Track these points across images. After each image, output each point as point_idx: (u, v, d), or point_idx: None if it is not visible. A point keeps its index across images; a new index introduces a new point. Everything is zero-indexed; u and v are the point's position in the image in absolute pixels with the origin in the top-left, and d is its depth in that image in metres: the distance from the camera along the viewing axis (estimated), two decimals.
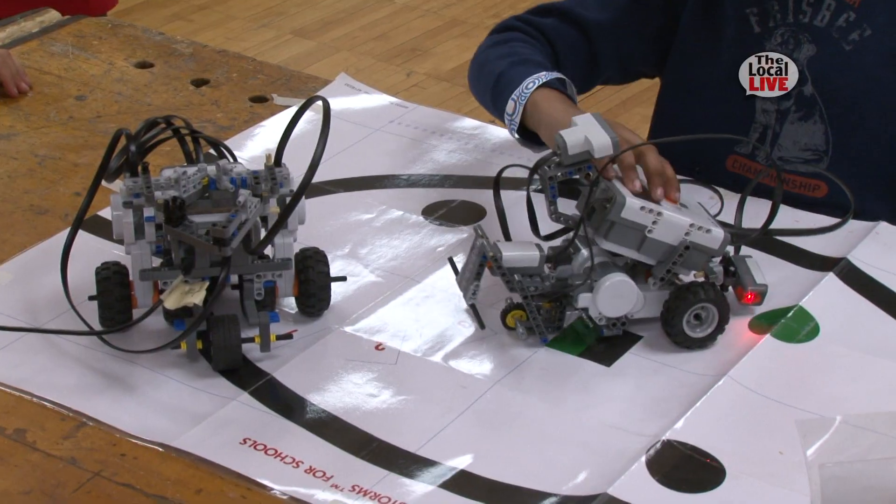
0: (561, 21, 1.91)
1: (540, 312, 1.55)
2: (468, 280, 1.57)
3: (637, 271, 1.58)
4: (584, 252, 1.57)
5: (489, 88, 1.83)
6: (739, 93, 1.81)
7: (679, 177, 1.62)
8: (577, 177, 1.57)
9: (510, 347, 1.57)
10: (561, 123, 1.61)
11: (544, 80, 1.74)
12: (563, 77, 1.77)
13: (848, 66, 1.76)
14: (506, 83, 1.79)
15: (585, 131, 1.55)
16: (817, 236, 1.75)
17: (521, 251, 1.55)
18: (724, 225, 1.59)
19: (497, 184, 1.65)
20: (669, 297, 1.56)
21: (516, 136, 1.79)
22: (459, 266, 1.63)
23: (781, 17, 1.77)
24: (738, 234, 1.64)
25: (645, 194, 1.57)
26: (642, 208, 1.53)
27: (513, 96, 1.76)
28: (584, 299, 1.55)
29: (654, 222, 1.54)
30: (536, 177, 1.60)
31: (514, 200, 1.73)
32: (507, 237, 1.63)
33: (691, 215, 1.56)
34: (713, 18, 1.83)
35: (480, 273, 1.56)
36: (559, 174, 1.56)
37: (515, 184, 1.76)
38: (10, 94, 2.10)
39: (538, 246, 1.57)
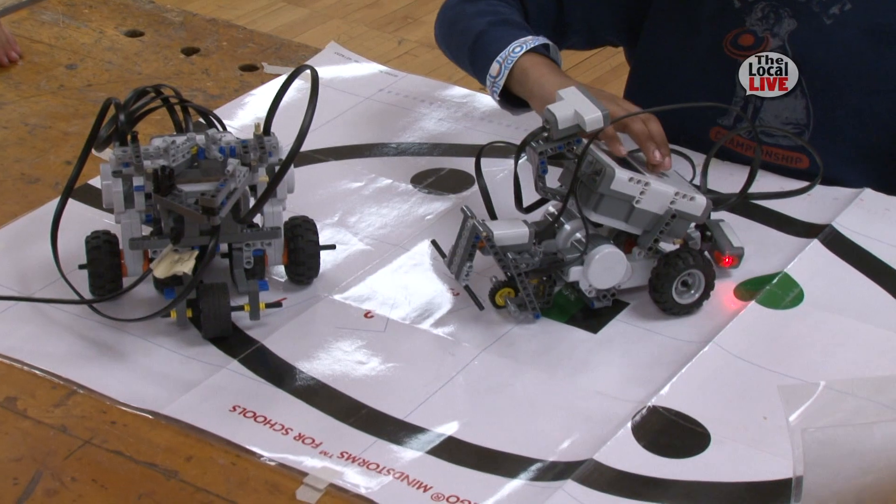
0: None
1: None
2: (460, 261, 1.55)
3: (618, 242, 1.57)
4: (568, 226, 1.56)
5: (467, 46, 1.80)
6: (720, 67, 1.80)
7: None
8: (565, 151, 1.56)
9: (498, 315, 1.57)
10: (553, 95, 1.60)
11: (531, 46, 1.72)
12: (549, 42, 1.75)
13: (828, 40, 1.75)
14: (487, 43, 1.76)
15: (574, 105, 1.53)
16: (803, 204, 1.74)
17: (512, 229, 1.54)
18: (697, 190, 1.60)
19: (478, 163, 1.63)
20: (657, 265, 1.56)
21: (497, 98, 1.78)
22: (444, 247, 1.62)
23: None
24: (717, 199, 1.63)
25: (626, 163, 1.56)
26: (630, 179, 1.52)
27: (497, 59, 1.74)
28: (574, 273, 1.54)
29: (641, 192, 1.53)
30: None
31: (495, 171, 1.73)
32: (493, 215, 1.61)
33: (673, 183, 1.56)
34: None
35: (473, 253, 1.54)
36: (549, 149, 1.55)
37: (500, 152, 1.75)
38: (1, 64, 2.09)
39: (525, 222, 1.56)
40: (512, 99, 1.77)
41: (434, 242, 1.65)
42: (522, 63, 1.72)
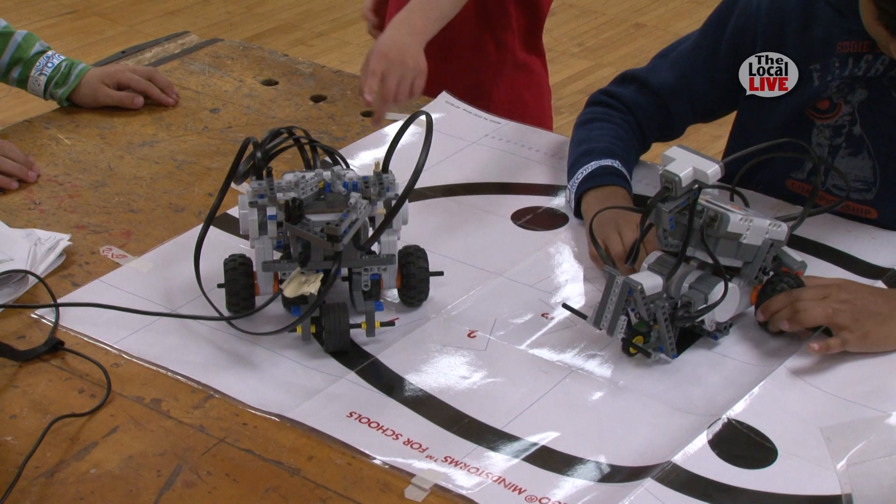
0: (638, 90, 1.89)
1: (652, 331, 1.51)
2: (614, 316, 1.50)
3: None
4: (678, 271, 1.53)
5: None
6: (800, 126, 1.78)
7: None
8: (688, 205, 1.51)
9: (586, 339, 1.56)
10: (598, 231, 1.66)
11: (584, 177, 1.78)
12: (608, 164, 1.79)
13: (893, 110, 1.72)
14: (572, 174, 1.83)
15: (690, 163, 1.49)
16: (869, 246, 1.73)
17: (650, 280, 1.50)
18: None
19: (591, 232, 1.62)
20: (764, 290, 1.55)
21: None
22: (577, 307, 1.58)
23: (840, 72, 1.74)
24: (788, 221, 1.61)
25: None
26: (741, 219, 1.51)
27: (568, 186, 1.82)
28: (703, 311, 1.52)
29: (747, 229, 1.52)
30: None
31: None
32: (615, 266, 1.56)
33: (756, 215, 1.54)
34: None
35: (626, 308, 1.50)
36: (674, 207, 1.51)
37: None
38: (164, 103, 2.12)
39: (655, 273, 1.52)
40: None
41: (566, 305, 1.59)
42: (582, 205, 1.78)
